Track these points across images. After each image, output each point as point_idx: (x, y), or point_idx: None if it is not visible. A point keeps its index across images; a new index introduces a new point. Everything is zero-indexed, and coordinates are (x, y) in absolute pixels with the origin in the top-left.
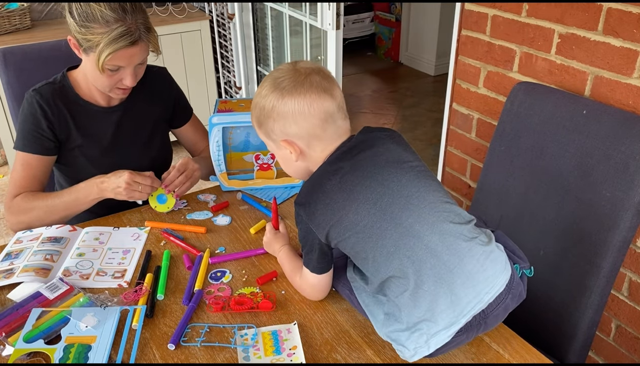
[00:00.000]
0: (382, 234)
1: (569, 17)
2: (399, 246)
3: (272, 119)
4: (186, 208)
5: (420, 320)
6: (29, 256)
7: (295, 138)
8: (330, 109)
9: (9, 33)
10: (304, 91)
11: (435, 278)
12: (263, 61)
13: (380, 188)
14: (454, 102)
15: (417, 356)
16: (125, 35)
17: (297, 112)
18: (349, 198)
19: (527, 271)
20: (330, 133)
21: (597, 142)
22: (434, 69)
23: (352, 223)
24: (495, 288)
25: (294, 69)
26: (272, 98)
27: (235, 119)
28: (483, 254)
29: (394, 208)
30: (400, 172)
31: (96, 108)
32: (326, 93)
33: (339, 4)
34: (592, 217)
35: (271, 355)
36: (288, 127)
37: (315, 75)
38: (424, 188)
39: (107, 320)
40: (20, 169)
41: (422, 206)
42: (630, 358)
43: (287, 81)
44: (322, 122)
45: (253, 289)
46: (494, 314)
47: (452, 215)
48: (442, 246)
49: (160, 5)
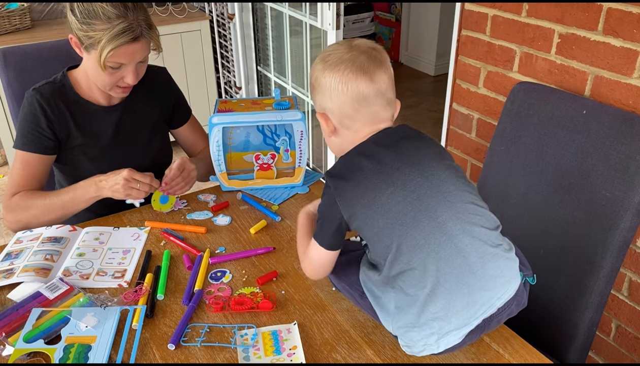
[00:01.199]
0: (415, 225)
1: (569, 17)
2: (429, 240)
3: (317, 90)
4: (186, 208)
5: (433, 318)
6: (29, 256)
7: (329, 113)
8: (364, 92)
9: (9, 33)
10: (342, 69)
11: (457, 278)
12: (263, 61)
13: (419, 178)
14: (454, 102)
15: (425, 353)
16: (127, 31)
17: (332, 88)
18: (385, 181)
19: (530, 279)
20: (363, 116)
21: (597, 142)
22: (434, 69)
23: (384, 206)
24: (507, 293)
25: (348, 46)
26: (317, 69)
27: (235, 119)
28: (504, 260)
29: (431, 201)
30: (440, 168)
31: (96, 107)
32: (365, 75)
33: (339, 4)
34: (592, 217)
35: (271, 355)
36: (324, 100)
37: (362, 55)
38: (461, 187)
39: (107, 320)
40: (20, 168)
41: (458, 205)
42: (630, 358)
43: (334, 56)
44: (354, 102)
45: (253, 289)
46: (498, 318)
47: (484, 219)
48: (471, 248)
49: (160, 5)
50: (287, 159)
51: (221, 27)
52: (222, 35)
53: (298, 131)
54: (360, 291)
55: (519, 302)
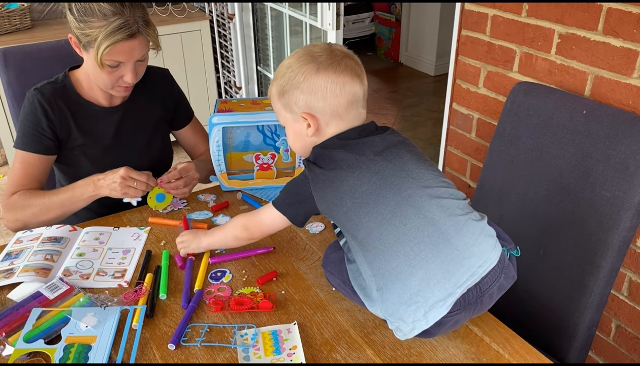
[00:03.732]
0: (381, 201)
1: (569, 17)
2: (395, 213)
3: (301, 90)
4: (186, 208)
5: (417, 291)
6: (29, 256)
7: (318, 113)
8: (358, 94)
9: (9, 33)
10: (340, 71)
11: (432, 246)
12: (263, 61)
13: (383, 162)
14: (454, 102)
15: (416, 331)
16: (123, 27)
17: (329, 89)
18: (352, 166)
19: (514, 251)
20: (351, 116)
21: (597, 142)
22: (434, 69)
23: (352, 187)
24: (488, 262)
25: (330, 49)
26: (307, 70)
27: (235, 119)
28: (477, 228)
29: (395, 179)
30: (402, 152)
31: (97, 108)
32: (358, 78)
33: (339, 4)
34: (592, 217)
35: (271, 355)
36: (315, 101)
37: (349, 59)
38: (423, 167)
39: (107, 320)
40: (19, 168)
41: (422, 180)
42: (630, 358)
43: (324, 58)
44: (348, 104)
45: (253, 289)
46: (489, 292)
47: (450, 191)
48: (440, 216)
49: (160, 5)
50: (287, 159)
51: (221, 27)
52: (222, 35)
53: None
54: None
55: (507, 274)
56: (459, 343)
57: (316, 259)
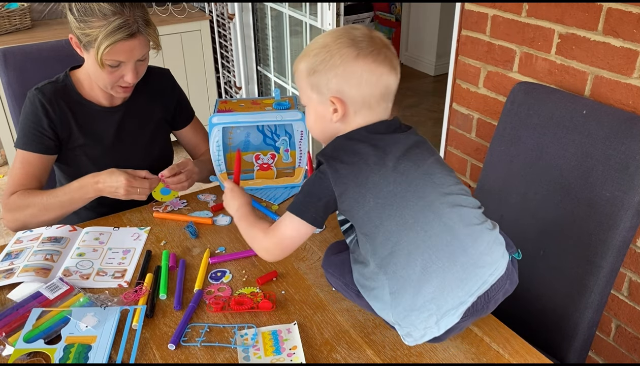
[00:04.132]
0: (404, 205)
1: (569, 17)
2: (417, 219)
3: (335, 73)
4: (186, 208)
5: (431, 299)
6: (29, 256)
7: (348, 100)
8: (392, 88)
9: (9, 33)
10: (380, 61)
11: (449, 255)
12: (263, 61)
13: (409, 163)
14: (454, 102)
15: (427, 338)
16: (123, 27)
17: (365, 77)
18: (378, 163)
19: (515, 254)
20: (380, 109)
21: (597, 142)
22: (434, 69)
23: (376, 185)
24: (498, 270)
25: (370, 36)
26: (345, 53)
27: (235, 119)
28: (491, 237)
29: (419, 182)
30: (426, 154)
31: (98, 108)
32: (394, 71)
33: (339, 4)
34: (592, 217)
35: (271, 355)
36: (348, 87)
37: (388, 50)
38: (445, 172)
39: (107, 320)
40: (20, 167)
41: (444, 186)
42: (630, 358)
43: (365, 44)
44: (381, 96)
45: (253, 289)
46: (495, 298)
47: (467, 200)
48: (459, 224)
49: (160, 5)
50: (287, 159)
51: (221, 27)
52: (222, 35)
53: (298, 131)
54: (356, 289)
55: (511, 280)
56: (459, 343)
57: (316, 259)
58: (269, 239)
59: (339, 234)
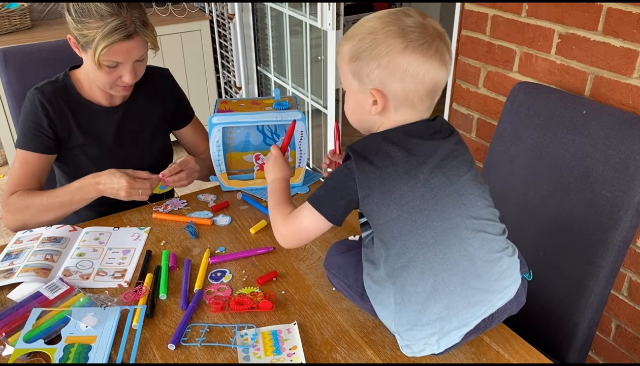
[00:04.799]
0: (427, 224)
1: (569, 17)
2: (438, 241)
3: (378, 63)
4: (186, 208)
5: (436, 318)
6: (29, 256)
7: (390, 94)
8: (439, 84)
9: (9, 33)
10: (430, 55)
11: (463, 280)
12: (263, 61)
13: (441, 177)
14: (454, 102)
15: (426, 352)
16: (120, 28)
17: (411, 72)
18: (409, 173)
19: (526, 275)
20: (424, 107)
21: (597, 142)
22: None
23: (403, 198)
24: (508, 294)
25: (423, 25)
26: (393, 43)
27: (235, 119)
28: (508, 264)
29: (447, 201)
30: (462, 169)
31: (98, 108)
32: (445, 66)
33: (339, 4)
34: (592, 217)
35: (271, 355)
36: (391, 81)
37: (441, 41)
38: (478, 192)
39: (107, 320)
40: (19, 167)
41: (472, 209)
42: (630, 358)
43: (415, 35)
44: (426, 93)
45: (253, 289)
46: (499, 318)
47: (493, 226)
48: (480, 252)
49: (160, 5)
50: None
51: (221, 27)
52: (222, 35)
53: (298, 131)
54: (360, 292)
55: (519, 302)
56: None
57: (316, 259)
58: (286, 228)
59: (339, 234)
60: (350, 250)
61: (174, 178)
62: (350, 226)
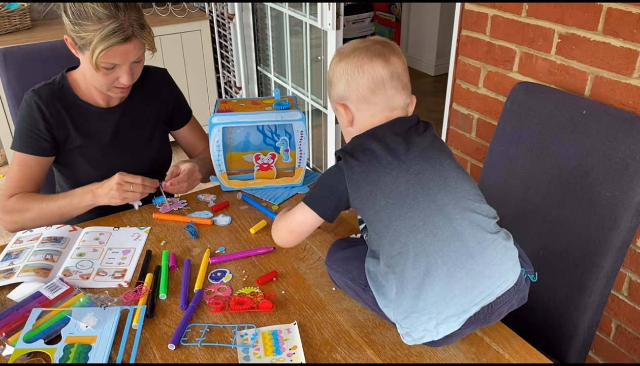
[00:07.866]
0: (415, 206)
1: (569, 17)
2: (427, 222)
3: (330, 83)
4: (186, 208)
5: (432, 302)
6: (29, 256)
7: (346, 100)
8: (381, 74)
9: (9, 33)
10: (358, 54)
11: (455, 261)
12: (263, 61)
13: (424, 163)
14: (454, 102)
15: (425, 339)
16: (117, 31)
17: (349, 73)
18: (391, 163)
19: (531, 276)
20: (379, 99)
21: (597, 142)
22: (434, 69)
23: (388, 186)
24: (506, 283)
25: (361, 40)
26: (333, 63)
27: (235, 119)
28: (503, 248)
29: (432, 185)
30: (443, 156)
31: (95, 109)
32: (379, 57)
33: (339, 4)
34: (592, 217)
35: (271, 355)
36: (341, 88)
37: (376, 44)
38: (461, 175)
39: (107, 320)
40: (17, 170)
41: (459, 191)
42: (630, 358)
43: (348, 48)
44: (371, 84)
45: (253, 289)
46: (499, 311)
47: (482, 207)
48: (469, 232)
49: (160, 5)
50: (287, 159)
51: (221, 27)
52: (222, 35)
53: (298, 131)
54: (363, 284)
55: (519, 297)
56: (459, 343)
57: (316, 259)
58: (279, 221)
59: (339, 234)
60: (351, 246)
61: (175, 188)
62: (350, 226)
